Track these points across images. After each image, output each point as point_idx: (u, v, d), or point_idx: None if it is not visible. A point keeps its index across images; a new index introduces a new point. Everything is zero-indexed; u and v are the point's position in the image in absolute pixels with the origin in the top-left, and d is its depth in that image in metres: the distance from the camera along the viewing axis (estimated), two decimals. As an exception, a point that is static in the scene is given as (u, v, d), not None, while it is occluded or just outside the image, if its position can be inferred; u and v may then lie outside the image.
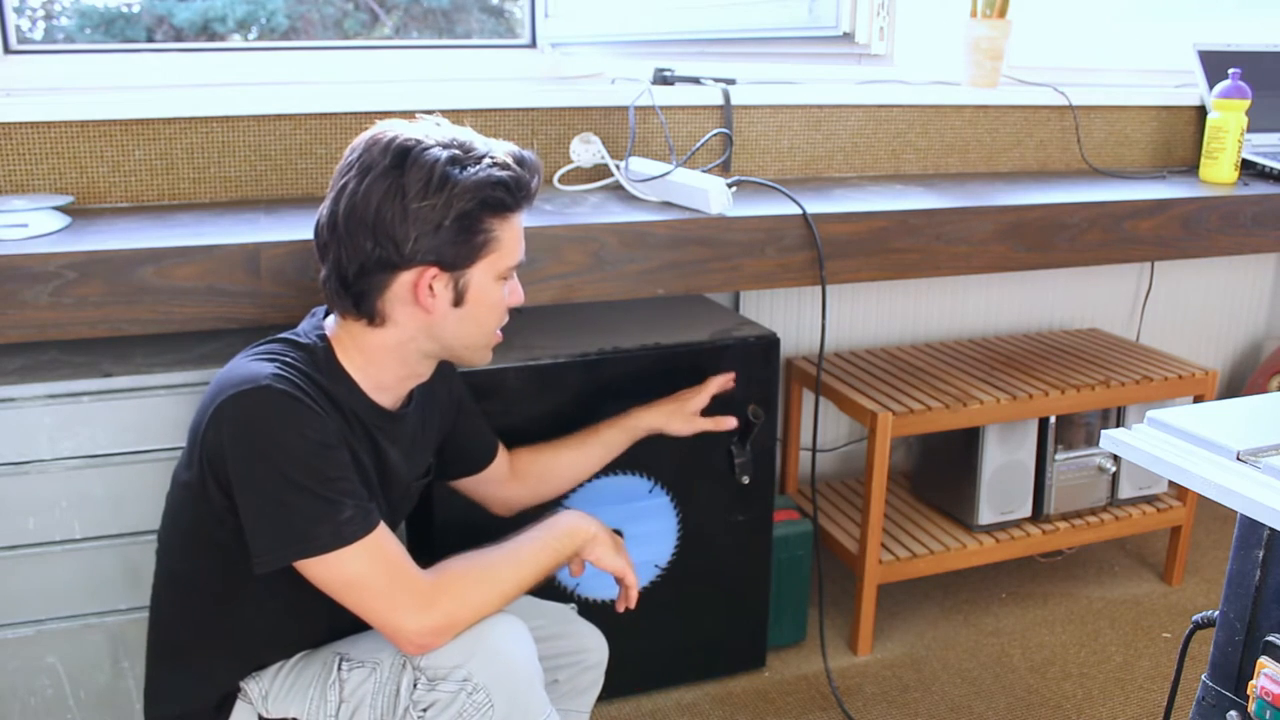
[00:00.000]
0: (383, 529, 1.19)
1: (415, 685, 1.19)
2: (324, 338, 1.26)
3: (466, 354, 1.30)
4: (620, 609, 1.40)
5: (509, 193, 1.20)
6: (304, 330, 1.28)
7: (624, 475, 1.80)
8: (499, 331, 1.30)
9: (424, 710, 1.19)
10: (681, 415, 1.67)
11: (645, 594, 1.82)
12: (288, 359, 1.20)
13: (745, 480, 1.83)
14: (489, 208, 1.19)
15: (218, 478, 1.16)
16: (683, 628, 1.93)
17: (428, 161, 1.16)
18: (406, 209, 1.16)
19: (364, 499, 1.18)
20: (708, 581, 1.91)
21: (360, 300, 1.21)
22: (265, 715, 1.25)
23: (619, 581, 1.38)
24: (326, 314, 1.29)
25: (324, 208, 1.21)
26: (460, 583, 1.21)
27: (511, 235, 1.23)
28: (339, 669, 1.24)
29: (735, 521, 1.89)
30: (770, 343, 1.84)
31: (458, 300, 1.22)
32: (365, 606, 1.17)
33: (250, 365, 1.18)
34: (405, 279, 1.20)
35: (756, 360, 1.83)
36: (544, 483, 1.59)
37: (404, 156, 1.16)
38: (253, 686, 1.26)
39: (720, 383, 1.72)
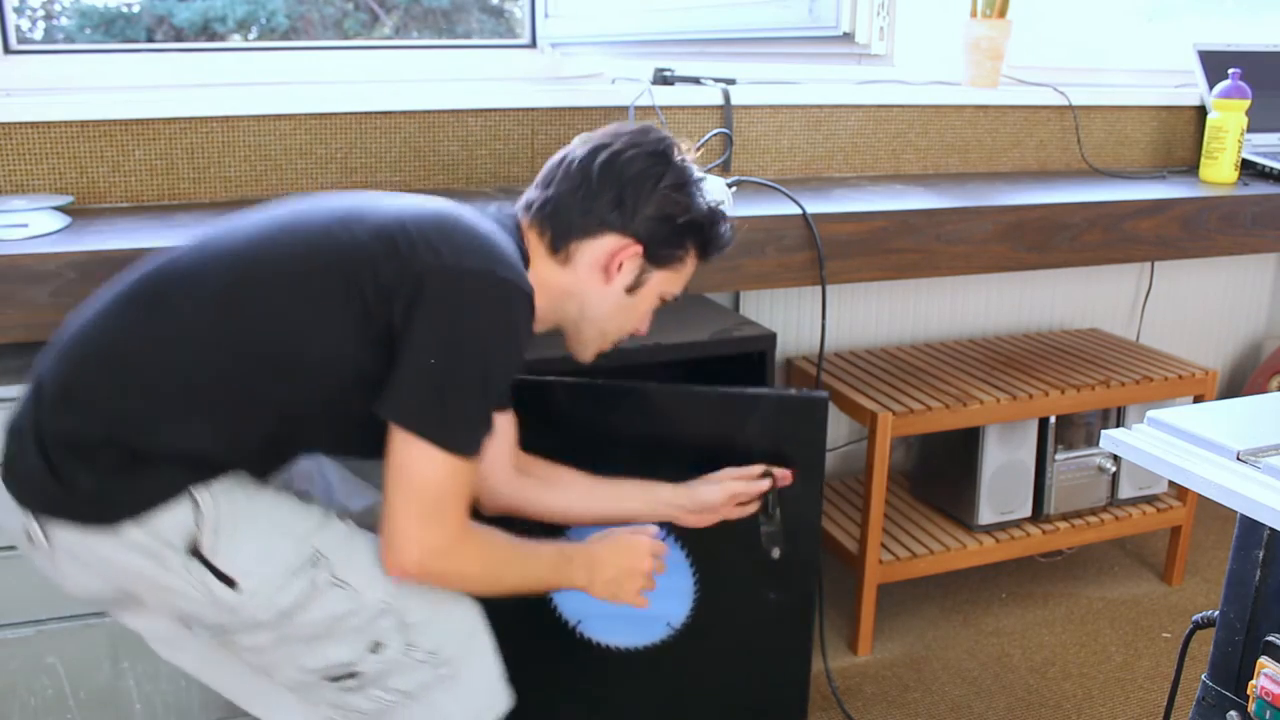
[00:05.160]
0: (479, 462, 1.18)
1: (380, 644, 1.17)
2: (525, 257, 1.28)
3: (592, 336, 1.34)
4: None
5: (716, 243, 1.34)
6: (515, 236, 1.28)
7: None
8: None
9: (380, 667, 1.17)
10: (707, 480, 1.49)
11: (656, 652, 1.66)
12: (522, 268, 1.21)
13: (775, 554, 1.54)
14: (703, 237, 1.32)
15: (387, 296, 1.11)
16: (699, 702, 1.69)
17: (687, 169, 1.30)
18: (655, 189, 1.26)
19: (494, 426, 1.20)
20: (730, 658, 1.66)
21: (563, 233, 1.28)
22: (201, 552, 1.11)
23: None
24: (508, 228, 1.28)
25: (573, 151, 1.29)
26: (483, 552, 1.20)
27: (689, 272, 1.35)
28: (317, 569, 1.15)
29: (766, 599, 1.63)
30: (815, 401, 1.52)
31: (632, 287, 1.30)
32: (402, 499, 1.13)
33: (504, 250, 1.19)
34: (610, 243, 1.27)
35: (797, 416, 1.55)
36: (542, 488, 1.46)
37: (669, 152, 1.29)
38: (206, 501, 1.11)
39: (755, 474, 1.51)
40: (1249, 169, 2.26)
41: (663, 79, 2.12)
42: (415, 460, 1.12)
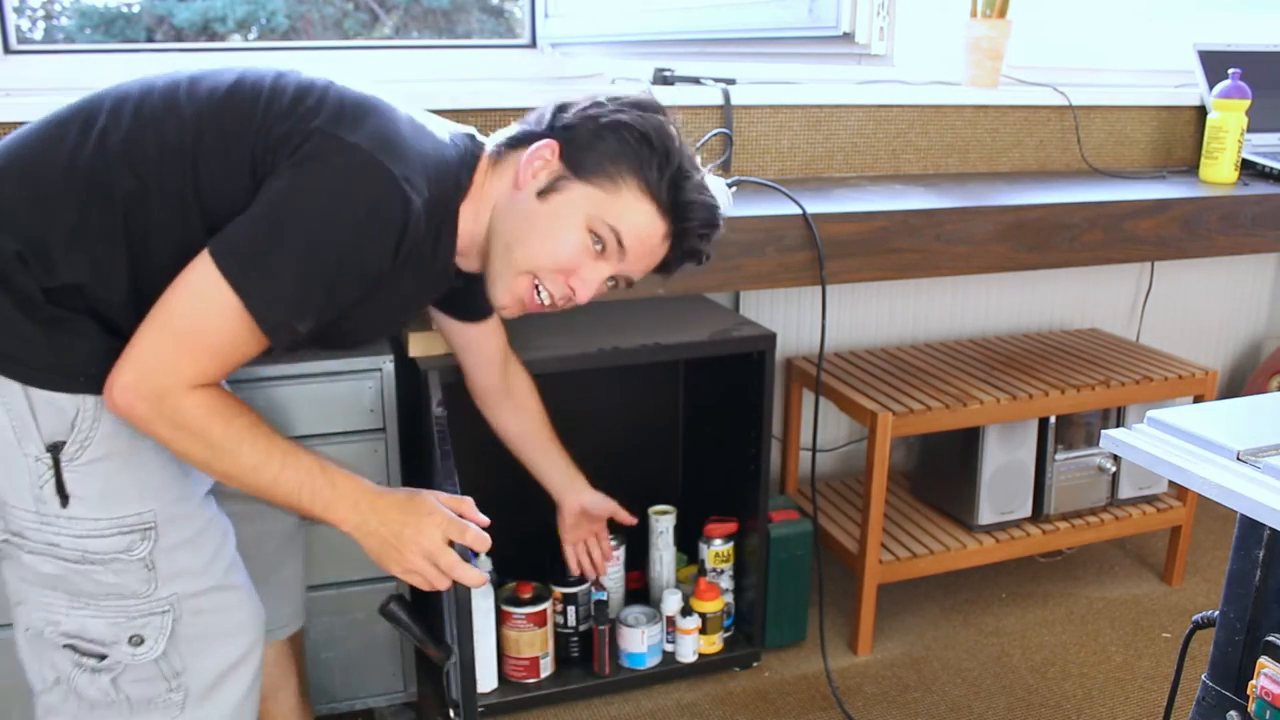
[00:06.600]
0: (269, 345, 1.09)
1: (141, 640, 1.13)
2: (470, 181, 1.20)
3: (499, 259, 1.20)
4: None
5: (648, 160, 1.17)
6: (463, 160, 1.21)
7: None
8: (534, 298, 1.21)
9: (128, 662, 1.13)
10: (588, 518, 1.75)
11: None
12: (434, 191, 1.13)
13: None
14: (632, 150, 1.16)
15: (274, 147, 1.07)
16: None
17: (662, 138, 1.18)
18: (598, 118, 1.18)
19: (314, 322, 1.12)
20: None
21: (506, 145, 1.22)
22: (59, 454, 1.08)
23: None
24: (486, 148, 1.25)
25: (578, 102, 1.21)
26: (208, 418, 1.06)
27: (628, 201, 1.17)
28: (143, 541, 1.11)
29: None
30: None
31: (545, 190, 1.16)
32: (159, 315, 1.05)
33: (415, 157, 1.11)
34: (531, 145, 1.18)
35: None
36: (512, 405, 1.58)
37: (655, 132, 1.18)
38: (91, 412, 1.08)
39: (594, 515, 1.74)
40: (1249, 169, 2.26)
41: (663, 79, 2.12)
42: (198, 284, 1.04)
